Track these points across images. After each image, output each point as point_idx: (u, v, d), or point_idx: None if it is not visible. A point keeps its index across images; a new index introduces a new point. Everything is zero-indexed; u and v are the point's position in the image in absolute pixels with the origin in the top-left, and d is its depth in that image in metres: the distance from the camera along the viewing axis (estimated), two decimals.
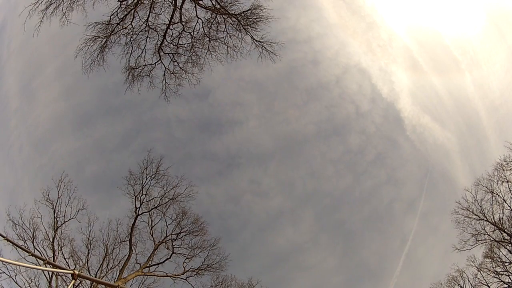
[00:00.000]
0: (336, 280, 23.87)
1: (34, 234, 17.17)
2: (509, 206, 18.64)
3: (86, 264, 17.91)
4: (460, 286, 19.10)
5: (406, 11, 24.47)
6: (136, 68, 16.17)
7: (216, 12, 15.52)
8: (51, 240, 17.40)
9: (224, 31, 15.76)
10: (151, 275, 18.63)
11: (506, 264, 18.55)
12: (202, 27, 15.78)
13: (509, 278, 18.34)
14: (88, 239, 18.26)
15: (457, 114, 25.22)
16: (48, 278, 16.55)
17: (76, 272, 4.90)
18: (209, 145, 25.12)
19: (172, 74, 16.38)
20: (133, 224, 18.92)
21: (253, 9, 15.41)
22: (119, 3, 15.28)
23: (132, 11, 15.46)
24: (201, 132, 25.41)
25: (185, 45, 16.12)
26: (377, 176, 25.75)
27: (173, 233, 19.48)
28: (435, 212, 24.55)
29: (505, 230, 18.57)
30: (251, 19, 15.52)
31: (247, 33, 15.58)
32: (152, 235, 19.29)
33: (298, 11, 22.26)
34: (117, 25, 15.53)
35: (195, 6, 15.51)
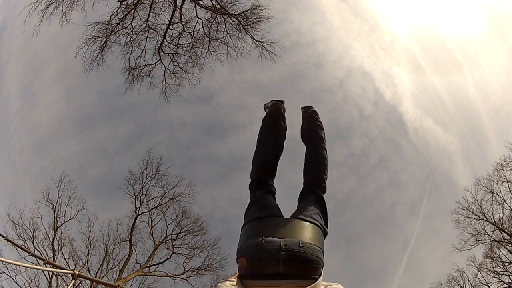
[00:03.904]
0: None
1: (34, 234, 17.18)
2: (509, 206, 18.65)
3: (86, 264, 17.91)
4: (460, 286, 19.10)
5: (408, 14, 24.48)
6: (136, 68, 16.20)
7: (216, 12, 15.54)
8: (51, 240, 17.41)
9: (224, 31, 15.79)
10: (151, 275, 18.63)
11: (506, 264, 18.55)
12: (202, 27, 15.81)
13: (509, 278, 18.34)
14: (88, 239, 18.26)
15: (459, 116, 25.20)
16: (48, 278, 16.56)
17: (76, 272, 4.91)
18: (212, 148, 25.02)
19: (172, 74, 16.41)
20: (133, 224, 18.93)
21: (253, 9, 15.44)
22: (119, 3, 15.31)
23: (132, 11, 15.48)
24: (205, 135, 25.32)
25: (185, 45, 16.16)
26: (379, 179, 25.67)
27: (173, 233, 19.47)
28: (437, 214, 24.51)
29: (505, 230, 18.56)
30: (251, 19, 15.55)
31: (247, 33, 15.61)
32: (152, 235, 19.29)
33: (301, 14, 22.21)
34: (117, 25, 15.56)
35: (195, 6, 15.53)
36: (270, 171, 2.98)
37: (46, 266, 12.12)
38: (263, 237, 2.12)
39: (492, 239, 18.93)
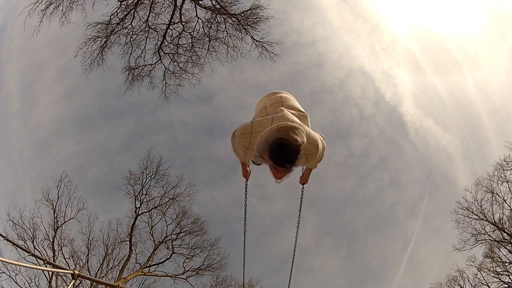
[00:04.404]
0: (339, 283, 23.79)
1: (34, 234, 17.16)
2: (509, 206, 18.64)
3: (86, 264, 17.90)
4: (460, 286, 19.10)
5: (408, 14, 24.46)
6: (136, 68, 16.20)
7: (216, 12, 15.55)
8: (51, 240, 17.39)
9: (224, 31, 15.80)
10: (151, 275, 18.62)
11: (506, 264, 18.54)
12: (202, 27, 15.81)
13: (509, 278, 18.34)
14: (88, 239, 18.24)
15: (459, 117, 25.18)
16: (48, 278, 16.55)
17: (76, 272, 4.91)
18: (213, 148, 25.00)
19: (172, 74, 16.42)
20: (133, 224, 18.92)
21: (253, 9, 15.44)
22: (119, 3, 15.31)
23: (132, 11, 15.49)
24: (205, 135, 25.29)
25: (185, 45, 16.16)
26: (380, 179, 25.64)
27: (173, 233, 19.46)
28: (437, 214, 24.49)
29: (505, 230, 18.55)
30: (251, 19, 15.56)
31: (247, 33, 15.62)
32: (152, 235, 19.27)
33: (302, 14, 22.21)
34: (117, 25, 15.56)
35: (195, 6, 15.54)
36: None
37: (46, 266, 12.11)
38: None
39: (492, 239, 18.93)
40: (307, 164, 3.73)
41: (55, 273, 15.83)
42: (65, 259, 17.56)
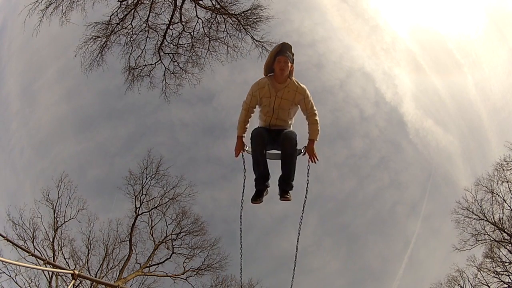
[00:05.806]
0: (339, 283, 23.85)
1: (34, 234, 17.17)
2: (509, 206, 18.64)
3: (86, 264, 17.91)
4: (460, 286, 19.10)
5: (409, 14, 24.51)
6: (136, 68, 16.18)
7: (216, 12, 15.53)
8: (51, 240, 17.40)
9: (224, 31, 15.78)
10: (151, 275, 18.63)
11: (506, 264, 18.54)
12: (202, 27, 15.79)
13: (509, 278, 18.33)
14: (88, 239, 18.26)
15: (460, 117, 25.28)
16: (48, 278, 16.55)
17: (76, 272, 4.91)
18: (213, 149, 25.09)
19: (172, 74, 16.40)
20: (133, 224, 18.93)
21: (253, 9, 15.42)
22: (119, 3, 15.30)
23: (132, 11, 15.47)
24: (205, 136, 25.39)
25: (185, 45, 16.14)
26: (380, 180, 25.74)
27: (173, 233, 19.48)
28: (438, 215, 24.56)
29: (505, 230, 18.55)
30: (251, 19, 15.53)
31: (247, 33, 15.59)
32: (152, 235, 19.29)
33: (302, 14, 22.29)
34: (117, 25, 15.54)
35: (195, 6, 15.52)
36: None
37: (46, 266, 12.12)
38: None
39: (492, 239, 18.93)
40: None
41: (55, 273, 15.84)
42: (65, 259, 17.59)
